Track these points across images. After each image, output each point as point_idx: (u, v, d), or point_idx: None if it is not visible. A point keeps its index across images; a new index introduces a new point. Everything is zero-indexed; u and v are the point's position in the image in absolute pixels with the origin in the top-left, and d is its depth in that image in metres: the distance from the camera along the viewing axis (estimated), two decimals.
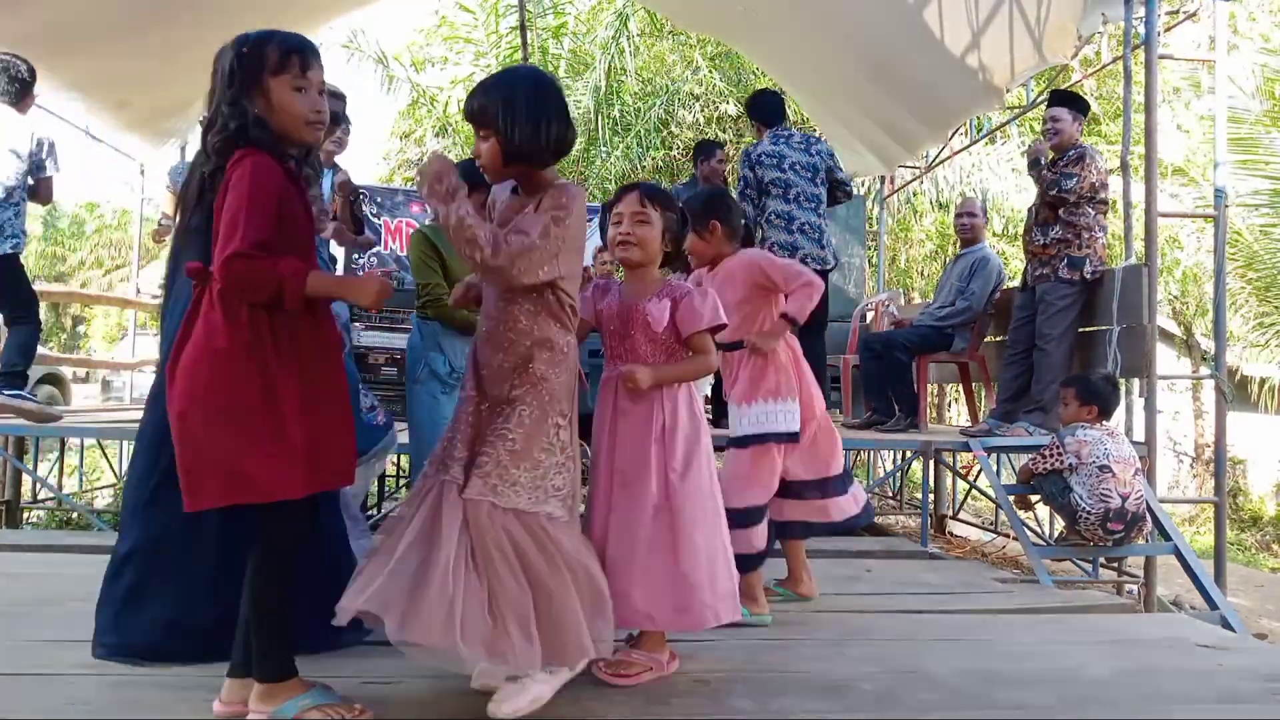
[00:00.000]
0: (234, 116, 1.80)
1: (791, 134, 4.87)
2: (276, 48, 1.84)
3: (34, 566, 3.36)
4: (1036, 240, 4.69)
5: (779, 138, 4.83)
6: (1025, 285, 4.82)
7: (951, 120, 7.15)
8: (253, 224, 1.71)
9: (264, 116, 1.81)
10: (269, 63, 1.83)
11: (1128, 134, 4.84)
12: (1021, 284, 4.88)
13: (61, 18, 5.33)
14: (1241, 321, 10.05)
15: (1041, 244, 4.65)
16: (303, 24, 7.11)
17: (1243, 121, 8.68)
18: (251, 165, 1.76)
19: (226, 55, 1.83)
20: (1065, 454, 3.82)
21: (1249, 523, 11.45)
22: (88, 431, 5.17)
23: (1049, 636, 2.73)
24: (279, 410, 1.73)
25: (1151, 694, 2.19)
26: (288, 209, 1.80)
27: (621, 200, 2.20)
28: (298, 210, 1.84)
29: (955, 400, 11.33)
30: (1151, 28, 4.55)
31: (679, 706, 1.99)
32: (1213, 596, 3.70)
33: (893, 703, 2.05)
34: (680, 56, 12.74)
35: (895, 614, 2.92)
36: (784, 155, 4.74)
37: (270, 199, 1.75)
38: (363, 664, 2.11)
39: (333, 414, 1.83)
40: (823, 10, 6.45)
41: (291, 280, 1.72)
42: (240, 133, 1.80)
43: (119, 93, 6.53)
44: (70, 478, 7.83)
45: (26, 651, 2.23)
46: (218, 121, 1.82)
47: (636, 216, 2.16)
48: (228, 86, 1.81)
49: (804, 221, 4.72)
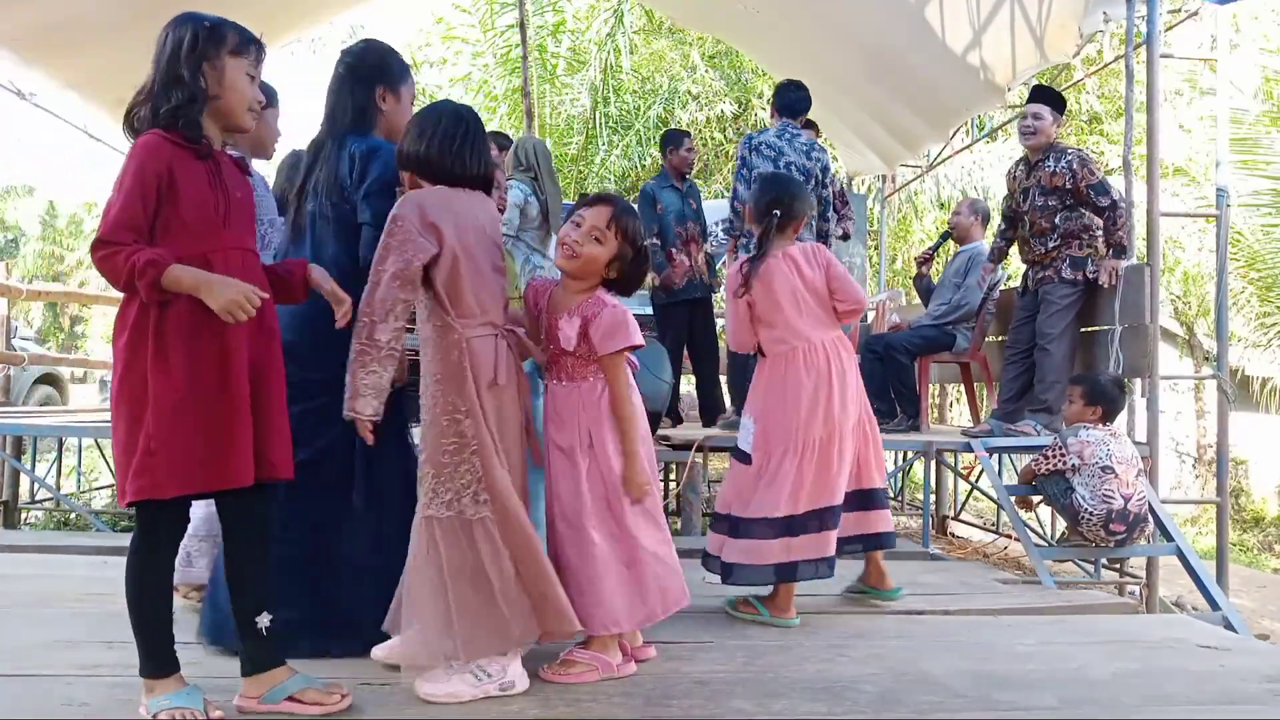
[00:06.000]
0: (184, 89, 1.76)
1: (798, 134, 4.75)
2: (237, 33, 1.85)
3: (32, 567, 3.35)
4: (1036, 250, 4.61)
5: (784, 133, 4.73)
6: (1026, 289, 4.77)
7: (953, 119, 7.13)
8: (123, 207, 1.69)
9: (214, 94, 1.80)
10: (229, 43, 1.83)
11: (1129, 133, 4.83)
12: (1022, 289, 4.83)
13: (61, 17, 5.32)
14: (1243, 322, 10.04)
15: (1042, 251, 4.58)
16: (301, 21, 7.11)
17: (1241, 122, 8.68)
18: (140, 146, 1.73)
19: (181, 29, 1.81)
20: (1068, 455, 3.80)
21: (1251, 523, 11.44)
22: (86, 431, 5.16)
23: (1050, 637, 2.72)
24: (145, 412, 1.70)
25: (1153, 695, 2.18)
26: (187, 191, 1.75)
27: (592, 208, 2.16)
28: (203, 193, 1.78)
29: (957, 400, 11.32)
30: (1153, 27, 4.54)
31: (679, 707, 1.98)
32: (1215, 597, 3.69)
33: (893, 704, 2.04)
34: (680, 55, 12.74)
35: (896, 615, 2.91)
36: (783, 152, 4.65)
37: (150, 181, 1.71)
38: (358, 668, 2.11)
39: (219, 414, 1.75)
40: (823, 8, 6.45)
41: (145, 269, 1.65)
42: (190, 106, 1.76)
43: (118, 91, 6.48)
44: (68, 478, 7.81)
45: (24, 652, 2.21)
46: (164, 93, 1.77)
47: (594, 233, 2.12)
48: (183, 59, 1.78)
49: None
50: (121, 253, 1.66)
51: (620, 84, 12.26)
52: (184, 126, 1.76)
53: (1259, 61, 9.77)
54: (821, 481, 2.65)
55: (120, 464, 1.73)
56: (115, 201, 1.70)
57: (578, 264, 2.13)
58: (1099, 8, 5.02)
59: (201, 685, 1.82)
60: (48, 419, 5.12)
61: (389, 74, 2.40)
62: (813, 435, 2.65)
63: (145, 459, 1.69)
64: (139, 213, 1.70)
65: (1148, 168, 4.61)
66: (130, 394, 1.72)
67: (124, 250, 1.67)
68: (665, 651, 2.37)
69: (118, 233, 1.68)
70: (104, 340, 23.37)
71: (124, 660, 2.07)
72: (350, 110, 2.34)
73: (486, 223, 2.10)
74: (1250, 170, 8.90)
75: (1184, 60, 7.82)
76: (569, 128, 12.40)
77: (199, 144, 1.79)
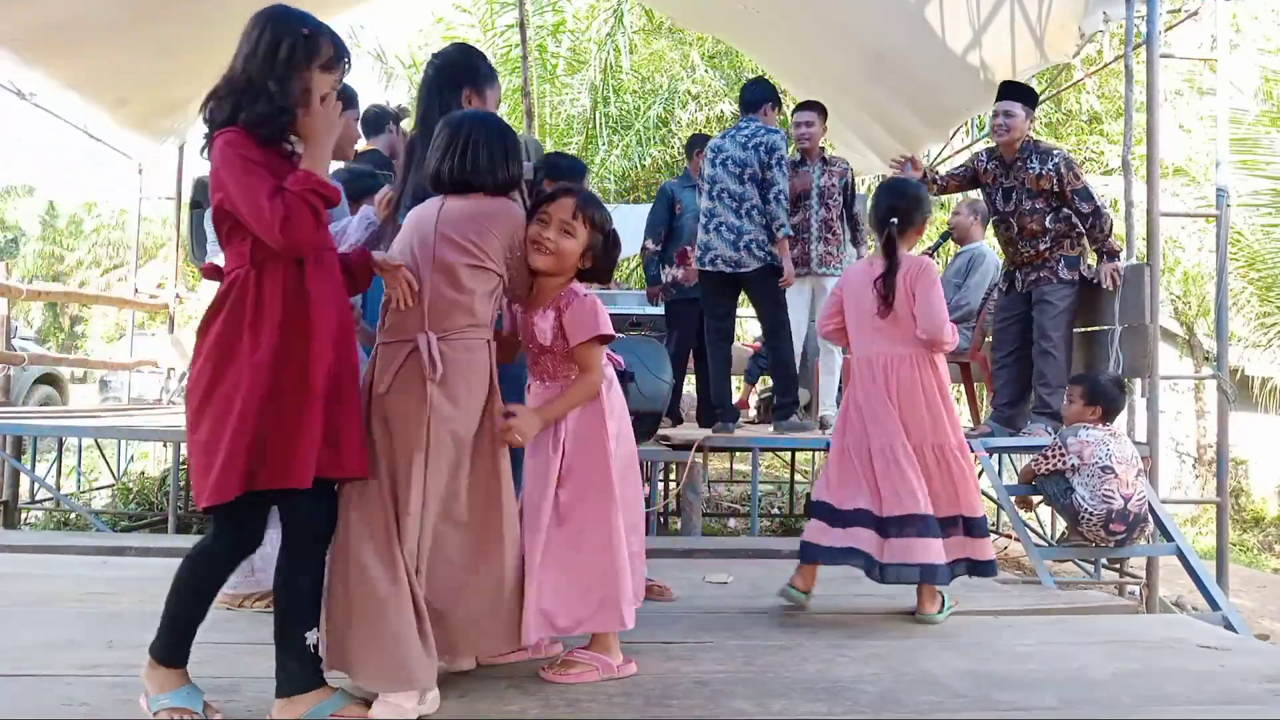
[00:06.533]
0: (272, 100, 1.73)
1: (744, 127, 4.66)
2: (332, 44, 1.81)
3: (31, 567, 3.34)
4: (1026, 251, 4.51)
5: (731, 131, 4.70)
6: (1012, 289, 4.66)
7: (952, 119, 7.13)
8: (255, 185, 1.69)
9: (301, 106, 1.77)
10: (322, 55, 1.79)
11: (1129, 133, 4.83)
12: (1007, 288, 4.71)
13: (61, 17, 5.32)
14: (1243, 322, 10.04)
15: (1033, 252, 4.50)
16: None
17: (1241, 122, 8.67)
18: (232, 141, 1.72)
19: (278, 30, 1.76)
20: (1067, 455, 3.80)
21: (1251, 523, 11.44)
22: (85, 431, 5.16)
23: (1050, 637, 2.72)
24: (232, 410, 1.70)
25: (1153, 695, 2.18)
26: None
27: (554, 202, 2.11)
28: None
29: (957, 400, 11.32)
30: (1153, 26, 4.53)
31: (679, 707, 1.98)
32: (1215, 597, 3.68)
33: (893, 704, 2.04)
34: (680, 55, 12.75)
35: (896, 615, 2.90)
36: (722, 149, 4.62)
37: (260, 165, 1.72)
38: None
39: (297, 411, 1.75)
40: (823, 8, 6.45)
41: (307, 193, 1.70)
42: (278, 118, 1.74)
43: (117, 91, 6.52)
44: (68, 478, 7.82)
45: (24, 652, 2.21)
46: (251, 99, 1.73)
47: (564, 226, 2.09)
48: (276, 67, 1.74)
49: (721, 220, 4.57)
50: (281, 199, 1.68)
51: (620, 84, 12.26)
52: (268, 136, 1.76)
53: (1259, 61, 9.77)
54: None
55: (200, 464, 1.70)
56: (246, 189, 1.68)
57: (554, 260, 2.09)
58: (1099, 8, 5.02)
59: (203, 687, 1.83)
60: (48, 419, 5.12)
61: (476, 76, 2.48)
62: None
63: (230, 458, 1.67)
64: (273, 181, 1.71)
65: (1148, 168, 4.60)
66: (219, 390, 1.71)
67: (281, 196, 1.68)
68: (665, 651, 2.36)
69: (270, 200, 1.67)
70: (104, 340, 23.39)
71: (124, 660, 2.08)
72: (438, 114, 2.41)
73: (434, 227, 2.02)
74: (1250, 170, 8.89)
75: (1184, 60, 7.82)
76: (569, 128, 12.41)
77: (280, 146, 1.80)
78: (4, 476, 4.94)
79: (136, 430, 4.86)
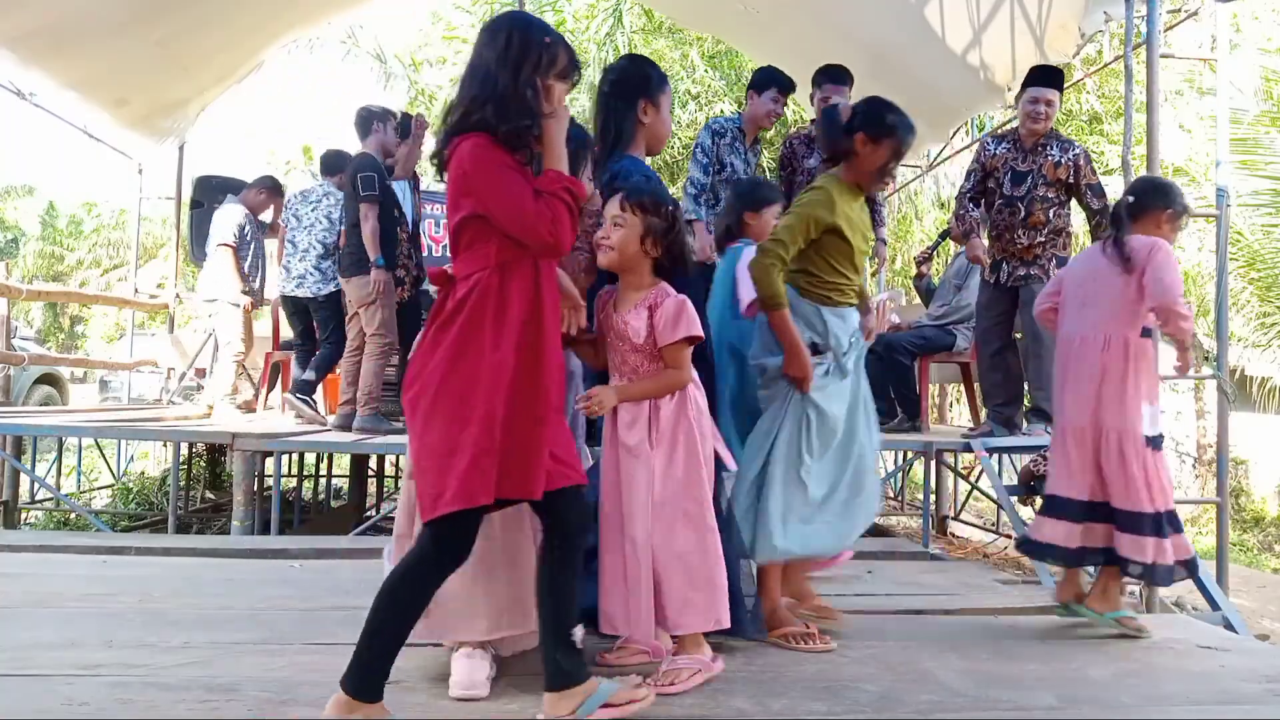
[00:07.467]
0: (526, 111, 1.75)
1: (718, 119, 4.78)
2: (568, 54, 1.84)
3: (32, 567, 3.35)
4: (1020, 242, 4.44)
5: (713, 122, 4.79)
6: (999, 283, 4.56)
7: (953, 119, 7.13)
8: (520, 195, 1.72)
9: (545, 114, 1.80)
10: (559, 64, 1.81)
11: (1129, 133, 4.82)
12: (993, 280, 4.60)
13: (61, 17, 5.32)
14: (1243, 322, 10.03)
15: (1026, 244, 4.43)
16: (301, 21, 7.10)
17: (1241, 122, 8.67)
18: (482, 147, 1.73)
19: (524, 38, 1.78)
20: None
21: (1251, 523, 11.44)
22: (85, 431, 5.16)
23: (1050, 637, 2.72)
24: (471, 413, 1.69)
25: (1153, 695, 2.18)
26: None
27: (606, 205, 2.20)
28: None
29: (957, 400, 11.32)
30: (1153, 26, 4.52)
31: (679, 706, 1.98)
32: (1214, 597, 3.68)
33: (893, 704, 2.05)
34: (680, 55, 12.74)
35: (896, 614, 2.91)
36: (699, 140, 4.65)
37: (516, 173, 1.77)
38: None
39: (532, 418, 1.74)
40: (823, 8, 6.45)
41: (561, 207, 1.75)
42: (530, 129, 1.76)
43: (117, 91, 6.51)
44: (68, 478, 7.82)
45: (24, 652, 2.21)
46: (502, 111, 1.74)
47: (615, 220, 2.15)
48: (525, 77, 1.76)
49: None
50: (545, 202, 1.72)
51: None
52: (519, 144, 1.77)
53: (1259, 61, 9.76)
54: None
55: (430, 469, 1.66)
56: (509, 194, 1.71)
57: (615, 255, 2.14)
58: (1099, 8, 5.02)
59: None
60: (48, 419, 5.12)
61: (649, 87, 2.51)
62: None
63: (469, 465, 1.63)
64: (531, 185, 1.74)
65: (1148, 168, 4.59)
66: (452, 389, 1.68)
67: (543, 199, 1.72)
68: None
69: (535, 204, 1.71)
70: (104, 340, 23.39)
71: (124, 660, 2.08)
72: (612, 130, 2.49)
73: None
74: (1250, 170, 8.90)
75: (1184, 60, 7.81)
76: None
77: (523, 153, 1.80)
78: (4, 476, 4.94)
79: (137, 430, 4.86)
